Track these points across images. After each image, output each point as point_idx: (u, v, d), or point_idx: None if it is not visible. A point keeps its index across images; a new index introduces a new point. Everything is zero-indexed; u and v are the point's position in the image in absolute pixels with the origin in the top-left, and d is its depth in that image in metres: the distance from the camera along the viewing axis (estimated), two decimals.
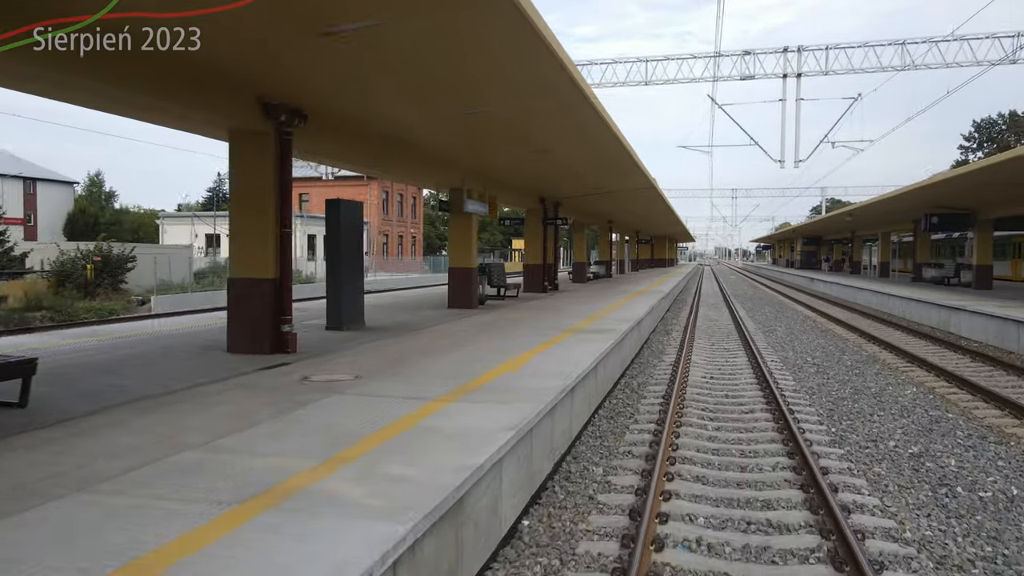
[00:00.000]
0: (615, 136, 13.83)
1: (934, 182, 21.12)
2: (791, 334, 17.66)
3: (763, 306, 27.08)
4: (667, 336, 17.12)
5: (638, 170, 18.96)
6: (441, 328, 11.86)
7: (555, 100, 10.66)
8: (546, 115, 11.76)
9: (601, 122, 12.24)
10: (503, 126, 12.12)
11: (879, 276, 40.09)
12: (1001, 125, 58.80)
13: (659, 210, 32.16)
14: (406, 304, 17.95)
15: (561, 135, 13.38)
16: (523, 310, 15.59)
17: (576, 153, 16.08)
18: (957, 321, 17.52)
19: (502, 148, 13.97)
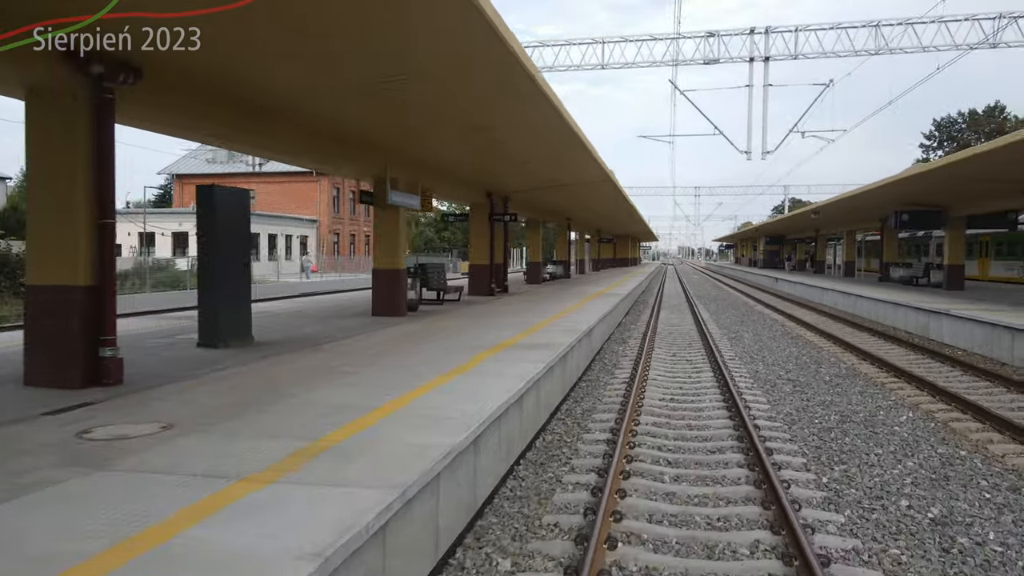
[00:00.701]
0: (564, 121, 11.95)
1: (906, 176, 19.71)
2: (760, 341, 15.96)
3: (727, 308, 25.50)
4: (623, 345, 15.27)
5: (592, 161, 17.10)
6: (347, 344, 9.79)
7: (492, 75, 8.74)
8: (482, 94, 9.83)
9: (548, 105, 10.37)
10: (429, 104, 10.13)
11: (844, 276, 39.01)
12: (961, 124, 58.66)
13: (619, 207, 30.43)
14: (328, 311, 15.81)
15: (502, 118, 11.46)
16: (457, 317, 13.58)
17: (521, 141, 14.15)
18: (938, 326, 16.00)
19: (432, 132, 11.95)
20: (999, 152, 14.97)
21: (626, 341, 15.96)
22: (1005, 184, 18.89)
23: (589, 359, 12.46)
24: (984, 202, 22.87)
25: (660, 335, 17.08)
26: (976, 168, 17.06)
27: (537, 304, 17.20)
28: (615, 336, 16.78)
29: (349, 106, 9.85)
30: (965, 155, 16.34)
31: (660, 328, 18.49)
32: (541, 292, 22.73)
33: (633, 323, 20.09)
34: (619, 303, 19.64)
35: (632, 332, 17.73)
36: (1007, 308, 16.15)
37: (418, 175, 14.60)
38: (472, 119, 10.94)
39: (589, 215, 35.72)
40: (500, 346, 9.32)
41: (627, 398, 9.38)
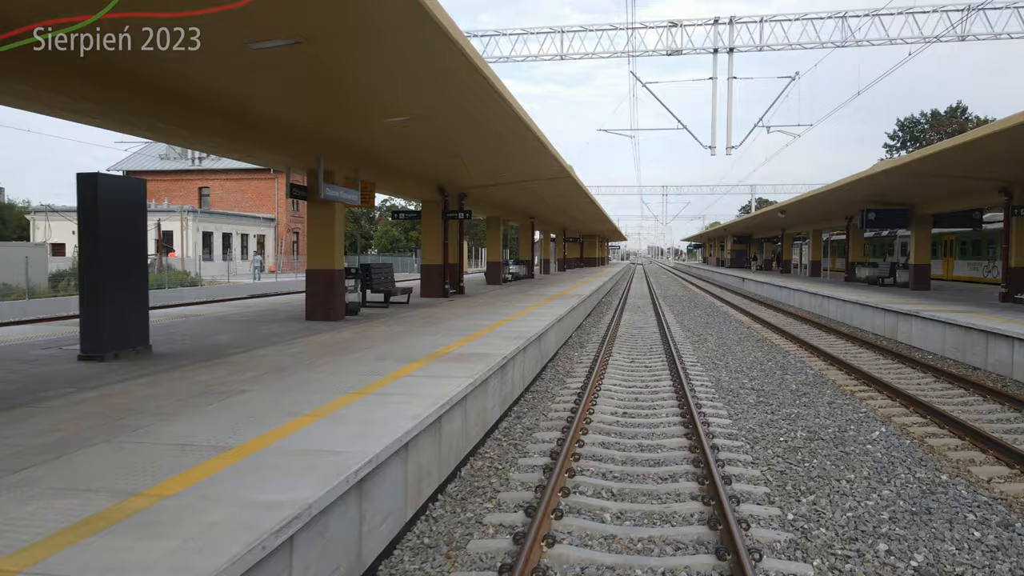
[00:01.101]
0: (514, 113, 10.98)
1: (872, 174, 19.13)
2: (724, 345, 15.15)
3: (693, 309, 24.77)
4: (580, 350, 14.34)
5: (549, 156, 16.15)
6: (259, 355, 8.67)
7: (427, 59, 7.73)
8: (419, 80, 8.78)
9: (494, 94, 9.37)
10: (352, 86, 9.05)
11: (810, 275, 38.69)
12: (924, 124, 59.10)
13: (582, 205, 29.58)
14: (264, 314, 14.61)
15: (444, 107, 10.42)
16: (398, 323, 12.51)
17: (468, 133, 13.16)
18: (907, 329, 15.34)
19: (365, 120, 10.83)
20: (965, 148, 14.36)
21: (584, 346, 15.04)
22: (971, 181, 18.38)
23: (539, 367, 11.49)
24: (950, 200, 22.44)
25: (621, 339, 16.20)
26: (942, 164, 16.48)
27: (490, 307, 16.19)
28: (573, 340, 15.86)
29: (257, 86, 8.72)
30: (931, 151, 15.72)
31: (621, 331, 17.62)
32: (499, 293, 21.73)
33: (594, 326, 19.21)
34: (579, 305, 18.73)
35: (591, 336, 16.83)
36: (977, 309, 15.56)
37: (358, 168, 13.49)
38: (407, 106, 9.87)
39: (553, 214, 34.82)
40: (431, 357, 8.28)
41: (575, 413, 8.42)
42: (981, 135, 13.67)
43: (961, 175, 17.77)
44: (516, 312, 14.70)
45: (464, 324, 12.11)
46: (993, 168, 16.98)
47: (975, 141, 13.96)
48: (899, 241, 37.15)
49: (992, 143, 13.88)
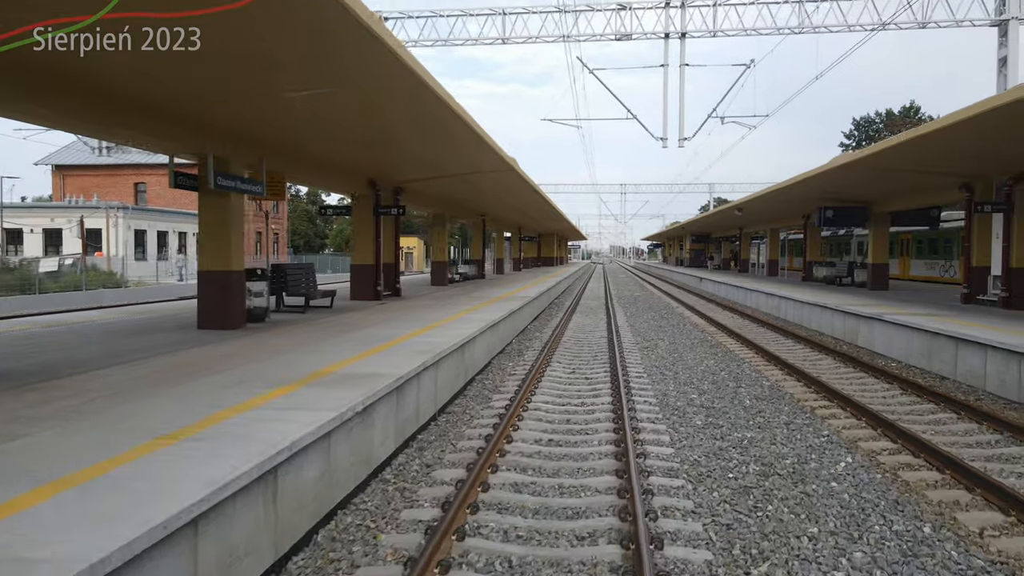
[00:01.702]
0: (439, 99, 9.58)
1: (829, 168, 18.17)
2: (675, 352, 13.93)
3: (647, 311, 23.62)
4: (517, 359, 12.97)
5: (487, 148, 14.77)
6: (98, 377, 7.08)
7: (308, 15, 6.25)
8: (311, 53, 7.30)
9: (409, 75, 7.93)
10: (240, 62, 7.51)
11: (767, 275, 38.02)
12: (879, 123, 59.38)
13: (532, 201, 28.24)
14: (156, 321, 12.91)
15: (356, 89, 8.93)
16: (303, 332, 10.96)
17: (390, 121, 11.68)
18: (869, 333, 14.31)
19: (262, 98, 9.26)
20: (922, 141, 13.40)
21: (522, 354, 13.67)
22: (930, 177, 17.52)
23: (463, 381, 10.07)
24: (908, 198, 21.68)
25: (565, 345, 14.88)
26: (900, 159, 15.54)
27: (420, 311, 14.71)
28: (512, 348, 14.48)
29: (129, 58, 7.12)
30: (888, 144, 14.73)
31: (568, 336, 16.32)
32: (439, 296, 20.25)
33: (539, 330, 17.87)
34: (522, 308, 17.37)
35: (534, 342, 15.47)
36: (940, 312, 14.62)
37: (264, 156, 11.88)
38: (304, 80, 8.35)
39: (505, 211, 33.44)
40: (308, 379, 6.79)
41: (490, 441, 7.02)
42: (938, 127, 12.69)
43: (920, 170, 16.89)
44: (447, 317, 13.25)
45: (379, 333, 10.61)
46: (952, 163, 16.12)
47: (932, 134, 12.98)
48: (856, 240, 36.68)
49: (950, 136, 12.93)
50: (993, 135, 13.14)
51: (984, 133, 12.94)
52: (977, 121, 11.61)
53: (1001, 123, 11.84)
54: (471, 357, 10.50)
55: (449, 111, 10.93)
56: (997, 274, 16.35)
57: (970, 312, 14.80)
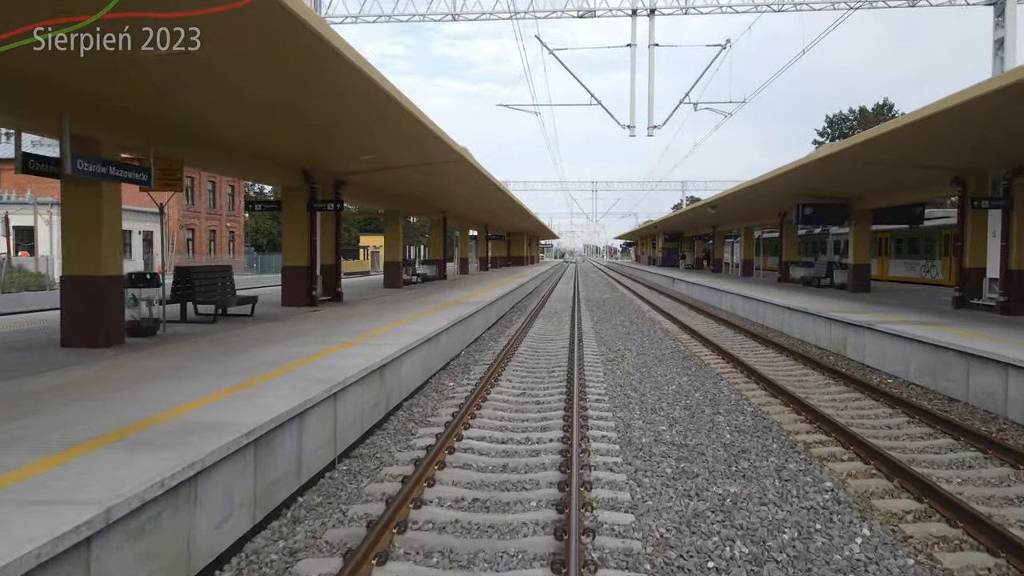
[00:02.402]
0: (369, 81, 7.73)
1: (809, 161, 16.65)
2: (643, 366, 12.24)
3: (616, 315, 21.96)
4: (462, 376, 11.18)
5: (432, 137, 12.96)
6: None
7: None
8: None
9: (333, 55, 6.08)
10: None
11: (742, 275, 36.65)
12: (852, 121, 58.60)
13: (494, 197, 26.42)
14: (32, 336, 10.87)
15: (272, 65, 7.10)
16: (192, 350, 9.04)
17: (317, 104, 9.84)
18: (859, 343, 12.75)
19: (152, 73, 7.31)
20: (912, 129, 11.87)
21: (468, 370, 11.88)
22: (919, 170, 16.05)
23: (384, 411, 8.25)
24: (893, 194, 20.28)
25: (520, 357, 13.13)
26: (887, 149, 14.04)
27: (354, 320, 12.83)
28: (458, 362, 12.68)
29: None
30: (875, 133, 13.13)
31: (525, 347, 14.55)
32: (386, 300, 18.36)
33: (495, 338, 16.09)
34: (476, 313, 15.58)
35: (485, 354, 13.68)
36: (934, 319, 13.12)
37: (151, 137, 9.89)
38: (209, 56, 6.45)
39: (466, 207, 31.58)
40: (130, 429, 4.91)
41: (391, 504, 5.21)
42: (928, 114, 11.14)
43: (907, 163, 15.40)
44: (380, 327, 11.40)
45: (284, 352, 8.73)
46: (943, 155, 14.65)
47: (921, 122, 11.44)
48: (832, 239, 35.48)
49: (941, 124, 11.43)
50: (989, 123, 11.67)
51: (979, 121, 11.46)
52: (971, 107, 10.12)
53: (997, 109, 10.36)
54: (396, 380, 8.67)
55: (395, 105, 9.15)
56: (994, 276, 14.92)
57: (967, 319, 13.32)
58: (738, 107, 19.64)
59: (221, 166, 14.18)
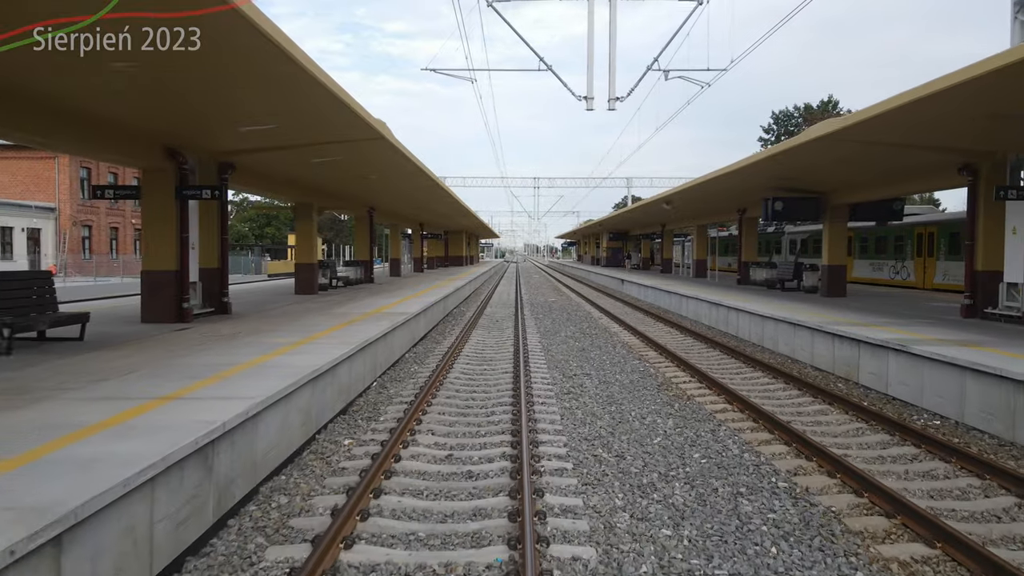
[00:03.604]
0: (245, 20, 4.59)
1: (801, 143, 14.03)
2: (611, 402, 9.32)
3: (566, 324, 19.06)
4: (361, 430, 8.02)
5: (339, 106, 9.77)
6: None
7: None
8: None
9: None
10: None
11: (694, 276, 34.37)
12: (798, 117, 57.63)
13: (423, 187, 23.13)
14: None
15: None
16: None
17: (176, 59, 6.46)
18: (878, 369, 10.11)
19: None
20: (926, 103, 9.37)
21: (378, 413, 8.71)
22: (923, 153, 13.62)
23: (213, 518, 5.00)
24: (876, 186, 17.98)
25: (451, 389, 10.05)
26: (898, 126, 11.55)
27: (217, 348, 9.46)
28: (364, 402, 9.47)
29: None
30: (886, 107, 10.48)
31: (458, 373, 11.48)
32: (287, 313, 14.95)
33: (421, 360, 12.92)
34: (395, 330, 12.38)
35: (405, 385, 10.52)
36: (952, 334, 10.61)
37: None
38: None
39: (396, 202, 28.19)
40: None
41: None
42: (952, 84, 8.65)
43: (913, 145, 12.98)
44: (250, 360, 8.09)
45: (83, 407, 5.37)
46: (955, 134, 12.25)
47: (952, 90, 8.90)
48: (787, 238, 33.55)
49: (962, 95, 8.96)
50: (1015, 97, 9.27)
51: (1004, 94, 9.05)
52: (1002, 75, 7.64)
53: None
54: (230, 463, 5.41)
55: (274, 52, 5.92)
56: (1014, 281, 12.59)
57: (1002, 335, 10.87)
58: (717, 76, 17.01)
59: (46, 139, 10.53)
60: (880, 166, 15.27)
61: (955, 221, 23.32)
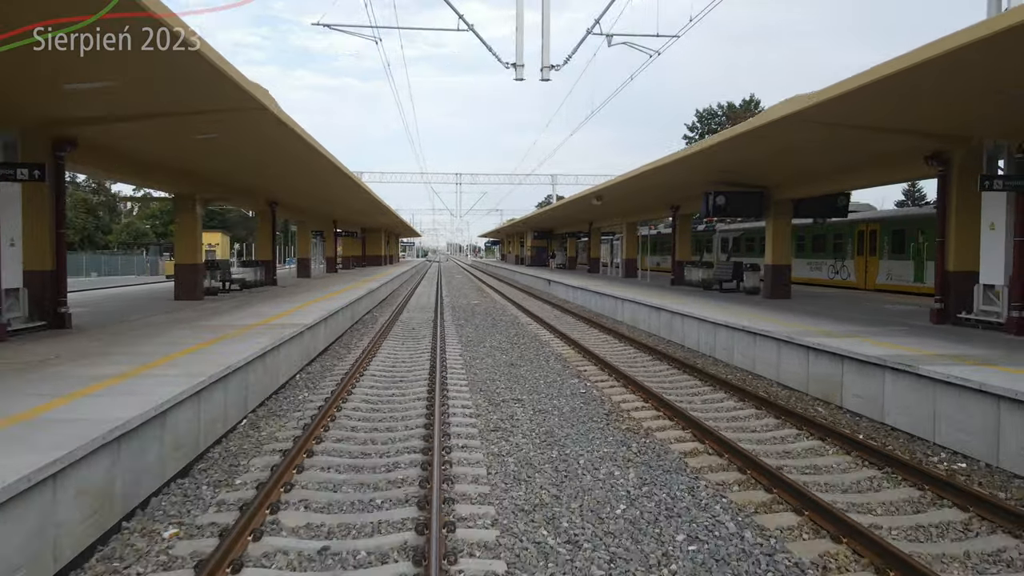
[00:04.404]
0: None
1: (753, 128, 12.37)
2: (551, 443, 7.23)
3: (491, 331, 16.91)
4: (226, 482, 5.60)
5: (196, 60, 7.24)
6: None
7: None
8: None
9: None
10: None
11: (624, 276, 32.85)
12: (721, 116, 57.46)
13: (334, 181, 20.50)
14: None
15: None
16: None
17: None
18: (870, 392, 8.40)
19: None
20: (917, 72, 7.80)
21: (234, 475, 6.28)
22: (892, 137, 12.17)
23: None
24: (826, 179, 16.62)
25: (344, 426, 7.77)
26: (869, 106, 9.98)
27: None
28: (222, 454, 7.01)
29: None
30: (860, 81, 8.88)
31: (358, 403, 9.16)
32: (150, 325, 12.20)
33: (313, 384, 10.50)
34: (280, 346, 9.91)
35: (283, 424, 8.09)
36: (965, 350, 9.06)
37: None
38: None
39: (299, 195, 25.29)
40: None
41: None
42: (951, 48, 7.09)
43: (882, 128, 11.46)
44: (20, 412, 5.53)
45: None
46: (929, 116, 10.82)
47: (933, 61, 7.36)
48: (719, 236, 32.50)
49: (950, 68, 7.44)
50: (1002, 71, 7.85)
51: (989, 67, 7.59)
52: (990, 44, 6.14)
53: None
54: None
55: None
56: (991, 283, 11.25)
57: (990, 344, 9.39)
58: (668, 43, 15.12)
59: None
60: (839, 154, 13.82)
61: (899, 218, 22.48)
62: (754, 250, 29.52)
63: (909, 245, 21.10)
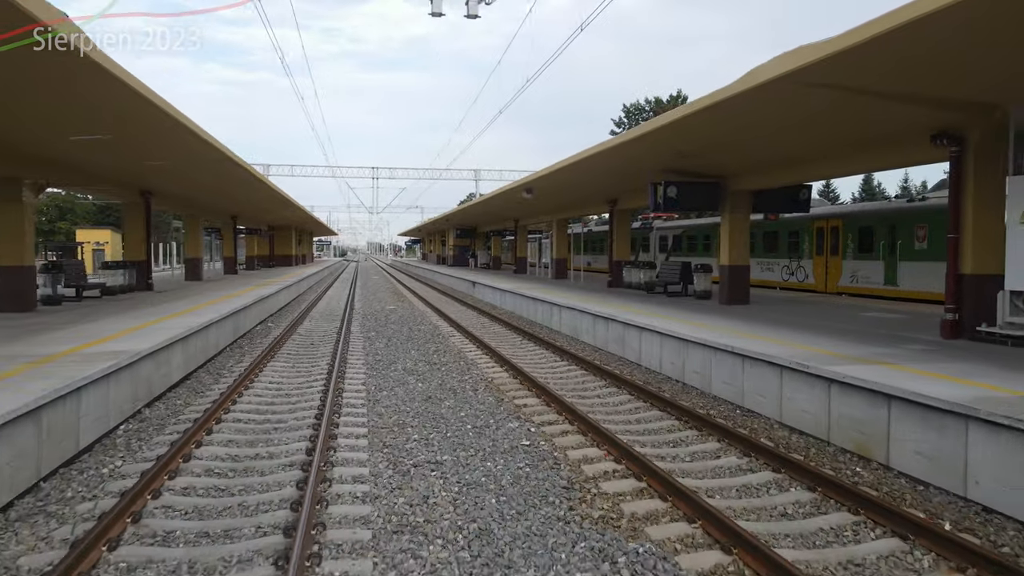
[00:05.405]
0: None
1: (693, 111, 10.03)
2: (476, 519, 4.40)
3: (406, 347, 13.94)
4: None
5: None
6: None
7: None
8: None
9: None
10: None
11: (554, 277, 30.35)
12: (648, 111, 56.06)
13: (222, 169, 16.97)
14: None
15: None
16: None
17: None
18: (936, 446, 5.94)
19: None
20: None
21: (65, 522, 3.12)
22: (894, 106, 9.98)
23: None
24: (780, 170, 14.45)
25: (169, 514, 4.62)
26: (885, 56, 7.64)
27: None
28: None
29: None
30: (874, 31, 6.53)
31: (206, 458, 6.05)
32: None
33: (143, 438, 7.31)
34: (80, 389, 6.69)
35: (73, 507, 4.90)
36: (963, 367, 6.77)
37: None
38: None
39: (184, 185, 21.49)
40: None
41: None
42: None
43: (883, 95, 9.15)
44: None
45: None
46: (957, 75, 8.60)
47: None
48: (656, 235, 30.46)
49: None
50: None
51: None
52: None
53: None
54: None
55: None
56: (1019, 289, 9.15)
57: (995, 358, 7.19)
58: (575, 33, 12.53)
59: None
60: (824, 132, 11.59)
61: (868, 213, 20.60)
62: (696, 249, 27.56)
63: (879, 243, 19.24)
